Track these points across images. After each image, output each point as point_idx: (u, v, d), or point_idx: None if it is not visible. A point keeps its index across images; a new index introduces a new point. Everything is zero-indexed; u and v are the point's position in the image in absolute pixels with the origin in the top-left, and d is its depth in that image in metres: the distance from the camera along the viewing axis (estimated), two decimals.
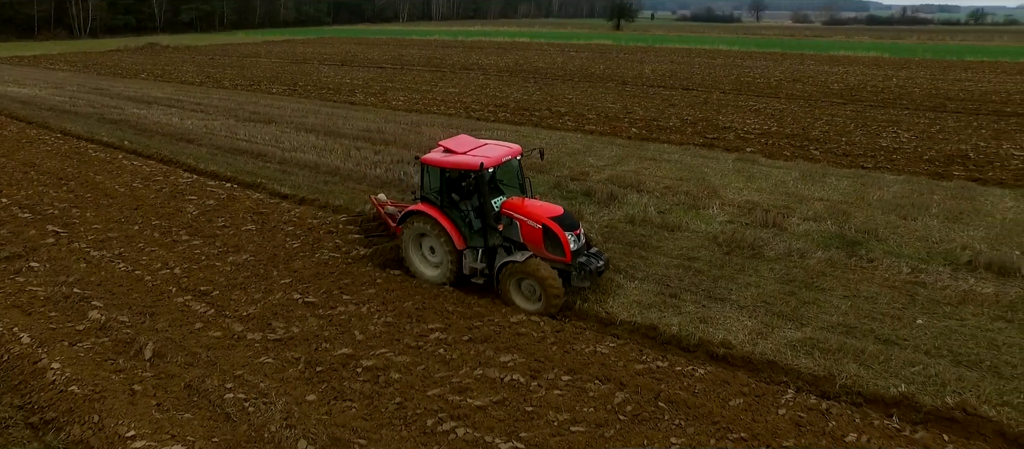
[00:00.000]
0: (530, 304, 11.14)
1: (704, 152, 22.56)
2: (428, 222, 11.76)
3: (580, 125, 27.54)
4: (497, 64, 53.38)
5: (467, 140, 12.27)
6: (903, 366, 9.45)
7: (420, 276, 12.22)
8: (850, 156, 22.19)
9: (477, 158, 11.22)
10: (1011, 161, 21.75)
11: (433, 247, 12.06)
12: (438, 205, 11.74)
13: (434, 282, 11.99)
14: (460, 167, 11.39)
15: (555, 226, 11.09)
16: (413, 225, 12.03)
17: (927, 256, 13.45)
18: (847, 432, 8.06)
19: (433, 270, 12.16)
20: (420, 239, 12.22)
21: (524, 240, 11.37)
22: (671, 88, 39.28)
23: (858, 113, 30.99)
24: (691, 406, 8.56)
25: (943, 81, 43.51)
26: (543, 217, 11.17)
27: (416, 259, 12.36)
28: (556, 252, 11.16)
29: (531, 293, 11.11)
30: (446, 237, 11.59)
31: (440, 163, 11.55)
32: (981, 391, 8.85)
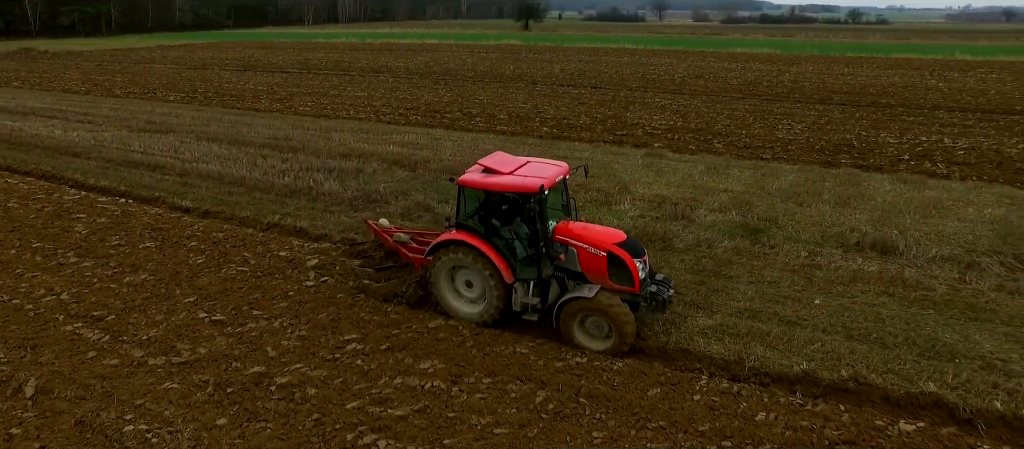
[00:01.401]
0: (596, 343, 9.86)
1: (614, 149, 23.15)
2: (468, 253, 10.28)
3: (492, 126, 27.64)
4: (407, 66, 52.80)
5: (506, 158, 10.88)
6: (804, 345, 10.02)
7: (454, 314, 10.74)
8: (750, 148, 23.38)
9: (535, 178, 9.90)
10: (887, 148, 23.60)
11: (470, 281, 10.67)
12: (482, 233, 10.34)
13: (473, 321, 10.56)
14: (513, 190, 9.96)
15: (623, 253, 9.93)
16: (447, 256, 10.54)
17: (821, 240, 14.34)
18: (757, 412, 8.45)
19: (471, 307, 10.70)
20: (453, 272, 10.78)
21: (583, 270, 10.18)
22: (580, 87, 40.11)
23: (756, 107, 32.72)
24: (611, 399, 8.73)
25: (829, 76, 46.64)
26: (607, 243, 10.01)
27: (449, 295, 10.85)
28: (623, 282, 10.01)
29: (598, 331, 9.86)
30: (492, 270, 10.14)
31: (485, 185, 10.07)
32: (870, 361, 9.52)
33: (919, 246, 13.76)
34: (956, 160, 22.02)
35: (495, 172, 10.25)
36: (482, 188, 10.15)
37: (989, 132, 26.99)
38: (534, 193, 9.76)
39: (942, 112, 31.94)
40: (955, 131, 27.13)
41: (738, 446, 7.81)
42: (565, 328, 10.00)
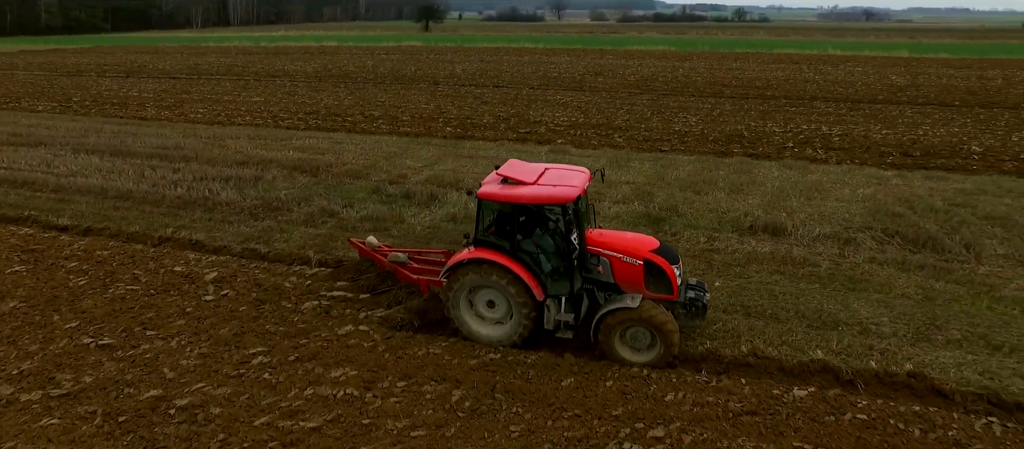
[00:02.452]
0: (639, 355, 9.36)
1: (518, 146, 23.42)
2: (492, 271, 9.51)
3: (395, 128, 27.29)
4: (305, 70, 51.18)
5: (523, 165, 10.15)
6: (707, 325, 10.49)
7: (476, 338, 9.95)
8: (649, 141, 24.30)
9: (566, 187, 9.33)
10: (773, 137, 25.21)
11: (493, 301, 9.86)
12: (507, 249, 9.59)
13: (498, 343, 9.80)
14: (545, 201, 9.40)
15: (660, 260, 9.55)
16: (468, 276, 9.70)
17: (718, 225, 15.11)
18: (666, 393, 8.78)
19: (495, 328, 9.93)
20: (473, 293, 9.95)
21: (618, 280, 9.74)
22: (482, 86, 40.29)
23: (653, 102, 34.03)
24: (526, 393, 8.81)
25: (719, 71, 49.22)
26: (643, 251, 9.61)
27: (469, 318, 10.03)
28: (661, 290, 9.62)
29: (639, 342, 9.35)
30: (520, 287, 9.40)
31: (512, 197, 9.31)
32: (766, 336, 10.12)
33: (805, 226, 14.79)
34: (832, 146, 23.84)
35: (519, 182, 9.50)
36: (509, 201, 9.36)
37: (858, 120, 29.39)
38: (570, 202, 9.25)
39: (819, 103, 34.45)
40: (831, 120, 29.35)
41: (650, 426, 8.08)
42: (605, 342, 9.39)
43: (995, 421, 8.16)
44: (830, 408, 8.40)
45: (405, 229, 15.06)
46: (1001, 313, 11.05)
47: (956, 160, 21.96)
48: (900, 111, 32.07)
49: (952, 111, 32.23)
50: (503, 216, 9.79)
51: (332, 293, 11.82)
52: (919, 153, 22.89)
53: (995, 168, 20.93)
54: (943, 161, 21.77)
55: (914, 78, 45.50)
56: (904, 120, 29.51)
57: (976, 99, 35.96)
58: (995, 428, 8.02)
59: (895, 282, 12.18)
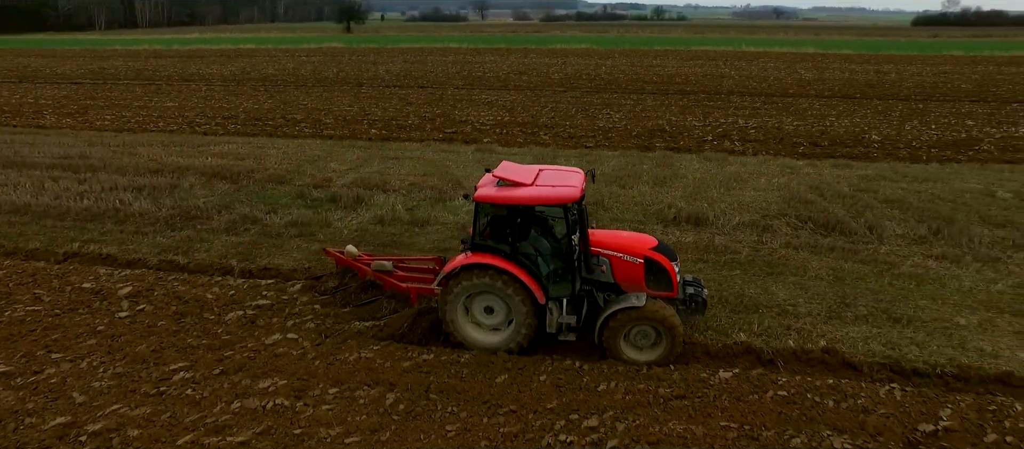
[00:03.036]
0: (643, 354, 9.36)
1: (445, 146, 23.35)
2: (491, 275, 9.27)
3: (318, 131, 26.66)
4: (221, 73, 49.25)
5: (516, 167, 9.99)
6: None
7: (474, 345, 9.66)
8: (575, 138, 24.69)
9: (567, 187, 9.23)
10: (694, 131, 26.13)
11: (491, 306, 9.63)
12: (507, 253, 9.36)
13: (497, 349, 9.57)
14: (548, 201, 9.21)
15: (660, 257, 9.61)
16: (466, 282, 9.40)
17: (644, 217, 15.53)
18: (599, 383, 8.95)
19: (494, 335, 9.70)
20: (470, 299, 9.65)
21: (618, 280, 9.70)
22: (407, 87, 39.90)
23: (577, 99, 34.59)
24: (461, 391, 8.79)
25: (640, 68, 50.53)
26: (643, 250, 9.64)
27: (467, 326, 9.75)
28: (662, 287, 9.65)
29: (644, 340, 9.35)
30: (522, 291, 9.22)
31: (513, 199, 9.10)
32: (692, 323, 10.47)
33: (725, 216, 15.41)
34: (749, 138, 24.92)
35: (517, 184, 9.29)
36: (510, 202, 9.13)
37: (771, 113, 30.85)
38: (573, 202, 9.16)
39: (735, 97, 35.94)
40: (746, 113, 30.66)
41: (584, 417, 8.22)
42: (610, 342, 9.33)
43: (896, 387, 8.80)
44: (753, 387, 8.78)
45: (332, 233, 14.74)
46: (900, 288, 11.89)
47: (858, 148, 23.40)
48: (809, 104, 33.85)
49: (854, 103, 34.29)
50: (499, 219, 9.51)
51: (256, 302, 11.43)
52: (826, 143, 24.26)
53: (892, 155, 22.44)
54: (847, 150, 23.16)
55: (820, 73, 48.14)
56: (812, 112, 31.18)
57: (874, 91, 38.41)
58: (896, 393, 8.64)
59: (809, 265, 12.86)
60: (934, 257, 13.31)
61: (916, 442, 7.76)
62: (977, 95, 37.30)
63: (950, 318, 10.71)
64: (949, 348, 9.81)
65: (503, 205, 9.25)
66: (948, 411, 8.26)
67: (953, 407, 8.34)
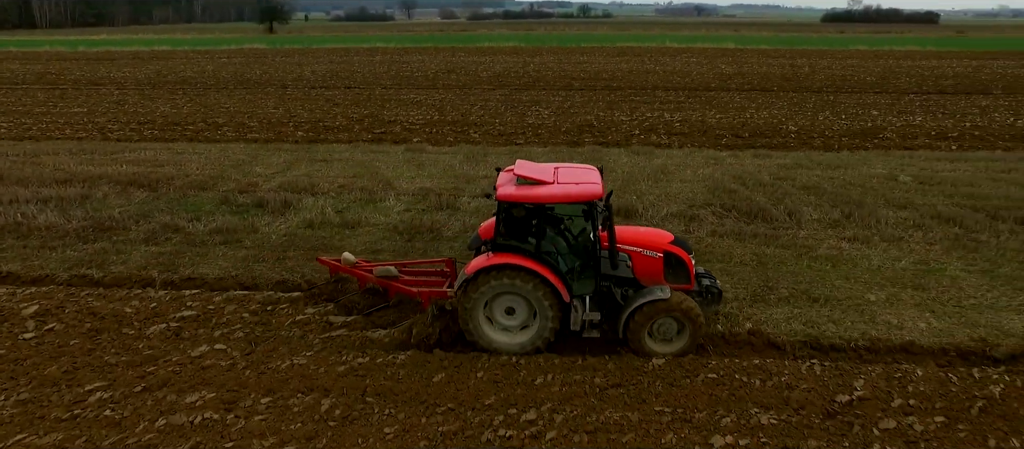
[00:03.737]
0: (666, 346, 9.44)
1: (374, 147, 23.03)
2: (518, 275, 9.13)
3: (242, 134, 25.77)
4: (135, 76, 46.86)
5: (532, 165, 9.90)
6: None
7: (496, 348, 9.49)
8: (505, 135, 24.80)
9: (590, 184, 9.19)
10: (621, 126, 26.71)
11: (512, 307, 9.49)
12: (531, 252, 9.29)
13: (519, 352, 9.44)
14: (574, 198, 9.10)
15: (680, 251, 9.75)
16: (490, 284, 9.21)
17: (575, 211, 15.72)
18: (536, 377, 9.03)
19: (517, 336, 9.56)
20: (491, 301, 9.46)
21: (638, 274, 9.72)
22: (333, 88, 39.10)
23: (506, 97, 34.74)
24: (398, 393, 8.70)
25: (568, 64, 51.20)
26: (662, 244, 9.75)
27: (487, 328, 9.55)
28: (680, 280, 9.76)
29: (666, 334, 9.43)
30: (548, 290, 9.15)
31: (538, 197, 9.02)
32: None
33: (654, 207, 15.83)
34: (674, 131, 25.68)
35: (539, 182, 9.14)
36: (536, 201, 9.06)
37: (695, 106, 31.89)
38: (599, 198, 9.09)
39: (660, 91, 36.94)
40: (672, 107, 31.58)
41: (522, 411, 8.28)
42: (634, 337, 9.37)
43: (816, 362, 9.31)
44: (685, 372, 9.06)
45: (260, 239, 14.29)
46: (818, 270, 12.54)
47: (777, 139, 24.51)
48: (730, 97, 35.18)
49: (771, 96, 35.87)
50: (518, 218, 9.38)
51: (181, 313, 10.96)
52: (747, 134, 25.28)
53: (807, 145, 23.63)
54: (767, 140, 24.21)
55: (740, 67, 50.09)
56: (734, 105, 32.41)
57: (790, 85, 40.29)
58: (816, 368, 9.13)
59: (734, 251, 13.38)
60: (847, 239, 14.10)
61: (834, 412, 8.21)
62: (880, 87, 39.71)
63: (862, 295, 11.38)
64: (861, 323, 10.43)
65: (529, 203, 9.15)
66: (861, 381, 8.78)
67: (866, 377, 8.88)
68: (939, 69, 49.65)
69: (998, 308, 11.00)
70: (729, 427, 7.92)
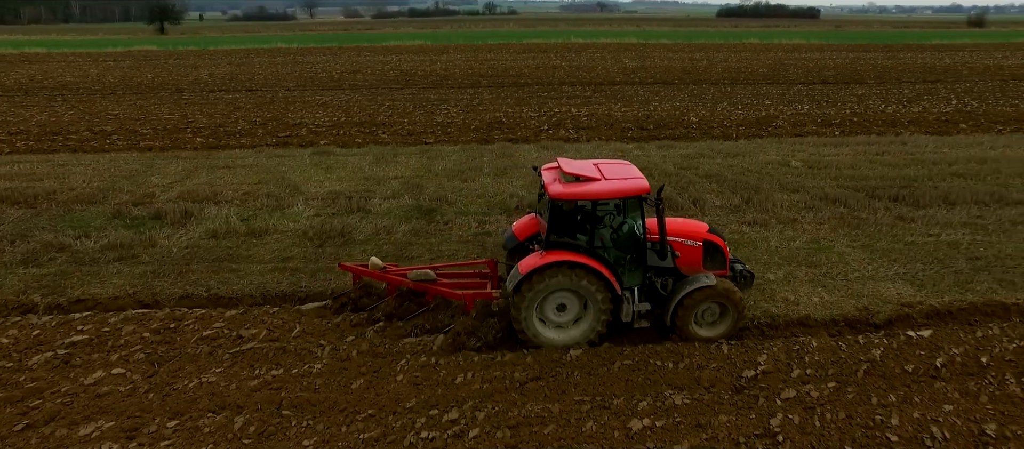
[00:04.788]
0: (710, 330, 9.85)
1: (279, 151, 22.24)
2: (573, 272, 9.22)
3: (134, 143, 24.20)
4: (3, 82, 43.00)
5: (575, 162, 10.04)
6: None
7: (548, 345, 9.55)
8: (414, 135, 24.56)
9: (638, 179, 9.51)
10: (530, 122, 27.03)
11: (564, 303, 9.58)
12: (584, 248, 9.43)
13: (570, 345, 9.55)
14: (626, 193, 9.35)
15: (718, 239, 10.18)
16: (546, 281, 9.24)
17: (487, 209, 15.83)
18: (456, 375, 9.02)
19: (569, 332, 9.67)
20: (544, 300, 9.49)
21: (680, 264, 9.98)
22: (234, 91, 37.41)
23: (414, 95, 34.40)
24: (316, 403, 8.46)
25: (475, 62, 51.25)
26: (702, 233, 10.13)
27: (539, 326, 9.59)
28: (717, 266, 10.16)
29: (710, 318, 9.84)
30: (601, 284, 9.29)
31: (593, 194, 9.22)
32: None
33: None
34: (582, 125, 26.25)
35: (589, 179, 9.36)
36: (589, 197, 9.26)
37: (601, 100, 32.71)
38: (648, 192, 9.36)
39: (567, 87, 37.64)
40: (578, 102, 32.25)
41: (444, 411, 8.24)
42: (683, 323, 9.70)
43: (723, 342, 9.75)
44: (602, 361, 9.30)
45: (159, 253, 13.47)
46: None
47: (680, 130, 25.54)
48: (634, 90, 36.31)
49: (673, 88, 37.32)
50: (567, 214, 9.56)
51: (70, 338, 10.16)
52: (652, 126, 26.20)
53: (708, 134, 24.77)
54: (670, 131, 25.20)
55: (643, 61, 51.81)
56: (638, 98, 33.49)
57: (690, 77, 42.07)
58: (723, 347, 9.62)
59: None
60: (747, 223, 14.91)
61: (741, 387, 8.68)
62: (771, 78, 42.15)
63: (762, 275, 12.05)
64: (763, 301, 11.06)
65: (584, 200, 9.35)
66: (764, 356, 9.32)
67: (768, 352, 9.44)
68: (822, 61, 53.25)
69: (877, 279, 11.96)
70: (646, 410, 8.20)
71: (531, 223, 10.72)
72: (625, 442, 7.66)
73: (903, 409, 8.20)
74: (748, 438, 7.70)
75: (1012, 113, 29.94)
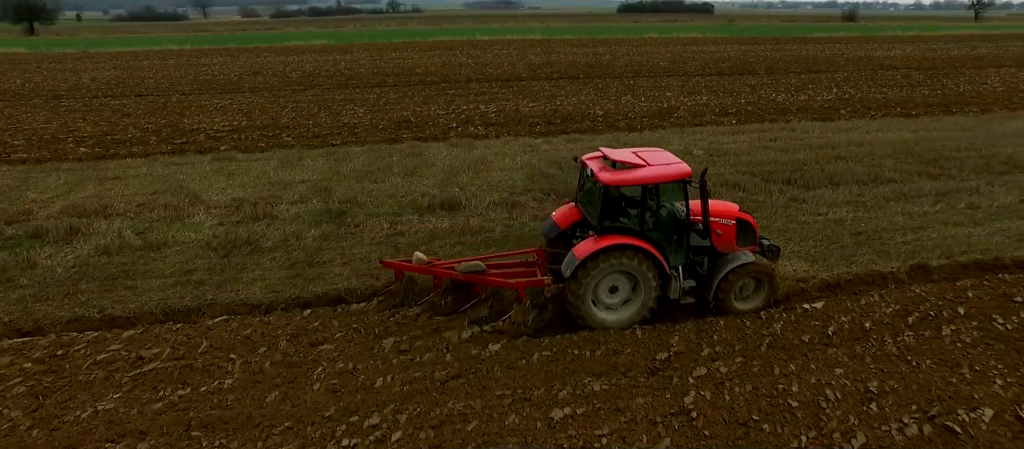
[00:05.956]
0: (747, 304, 10.53)
1: (176, 159, 21.00)
2: (628, 254, 9.64)
3: (4, 155, 22.14)
4: None
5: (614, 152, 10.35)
6: (412, 302, 10.80)
7: (602, 326, 9.95)
8: (320, 137, 23.86)
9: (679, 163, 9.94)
10: (438, 120, 26.87)
11: (616, 286, 9.96)
12: (636, 231, 9.85)
13: (624, 326, 9.98)
14: (673, 177, 9.70)
15: (749, 217, 10.79)
16: (603, 264, 9.59)
17: (399, 209, 15.61)
18: (375, 379, 8.86)
19: (621, 312, 10.07)
20: (598, 284, 9.82)
21: (716, 242, 10.43)
22: (121, 96, 34.99)
23: (319, 96, 33.41)
24: (228, 421, 8.08)
25: (380, 61, 50.38)
26: (734, 212, 10.64)
27: (594, 309, 9.96)
28: (748, 243, 10.73)
29: (746, 292, 10.53)
30: (651, 263, 9.76)
31: (643, 179, 9.61)
32: None
33: (477, 198, 16.14)
34: (491, 122, 26.33)
35: (635, 165, 9.78)
36: (639, 182, 9.65)
37: (509, 96, 32.95)
38: (690, 176, 9.77)
39: (474, 84, 37.64)
40: (486, 98, 32.33)
41: (365, 417, 8.08)
42: (725, 298, 10.27)
43: (637, 327, 10.06)
44: (521, 354, 9.39)
45: (40, 275, 12.38)
46: None
47: (586, 123, 26.13)
48: (541, 86, 36.80)
49: (578, 83, 38.10)
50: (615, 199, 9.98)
51: None
52: (559, 120, 26.65)
53: (614, 127, 25.48)
54: (577, 125, 25.73)
55: (548, 57, 52.56)
56: (545, 93, 33.96)
57: (594, 71, 43.10)
58: (638, 332, 9.92)
59: None
60: None
61: (656, 369, 9.00)
62: (671, 71, 43.85)
63: None
64: None
65: (633, 185, 9.76)
66: (676, 338, 9.71)
67: (680, 334, 9.83)
68: (717, 54, 55.92)
69: None
70: (566, 399, 8.36)
71: (571, 212, 10.94)
72: (548, 432, 7.78)
73: (801, 376, 8.79)
74: (664, 417, 8.00)
75: (882, 99, 32.59)
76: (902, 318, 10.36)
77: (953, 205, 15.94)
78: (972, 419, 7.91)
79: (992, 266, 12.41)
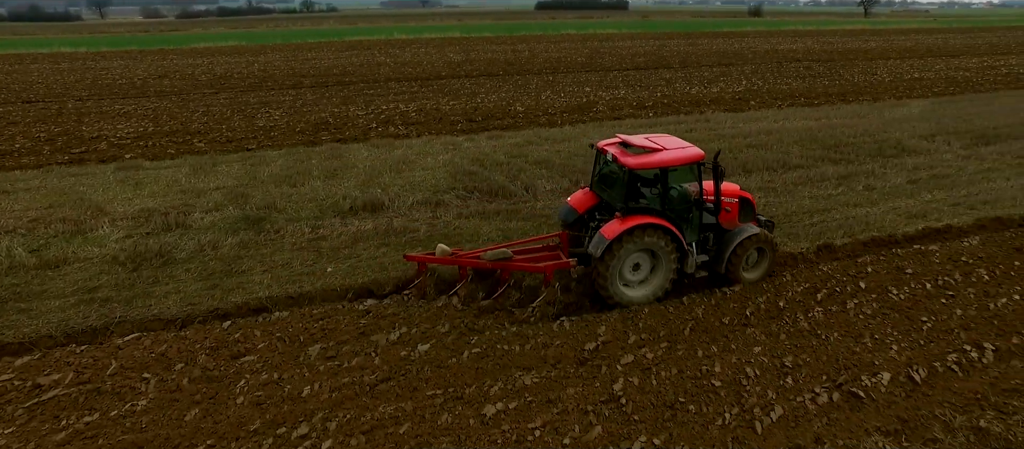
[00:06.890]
0: (752, 273, 11.35)
1: (74, 169, 19.64)
2: (652, 233, 10.21)
3: None
4: None
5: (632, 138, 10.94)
6: None
7: (628, 303, 10.49)
8: (234, 141, 22.91)
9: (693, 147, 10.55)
10: (358, 120, 26.34)
11: (639, 263, 10.55)
12: (658, 211, 10.44)
13: (648, 301, 10.58)
14: (690, 160, 10.32)
15: (750, 195, 11.61)
16: (630, 243, 10.10)
17: (320, 213, 15.20)
18: (302, 388, 8.60)
19: (643, 289, 10.67)
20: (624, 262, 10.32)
21: (722, 219, 11.14)
22: (5, 103, 32.39)
23: (231, 99, 32.08)
24: (143, 444, 7.64)
25: (296, 61, 48.89)
26: (737, 191, 11.36)
27: (622, 289, 10.52)
28: (748, 219, 11.56)
29: (750, 262, 11.33)
30: (669, 240, 10.34)
31: (664, 162, 10.22)
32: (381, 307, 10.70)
33: (400, 198, 15.92)
34: (411, 121, 26.04)
35: (654, 150, 10.34)
36: (660, 165, 10.22)
37: (429, 95, 32.68)
38: (704, 159, 10.43)
39: (393, 83, 37.12)
40: (406, 98, 31.94)
41: (293, 427, 7.84)
42: (735, 269, 11.08)
43: (565, 319, 10.23)
44: (451, 352, 9.35)
45: None
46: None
47: (507, 120, 26.24)
48: (461, 84, 36.68)
49: (498, 80, 38.22)
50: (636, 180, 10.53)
51: None
52: (480, 118, 26.65)
53: (534, 123, 25.72)
54: (498, 122, 25.80)
55: (467, 55, 52.45)
56: (465, 91, 33.88)
57: (513, 68, 43.34)
58: (566, 324, 10.10)
59: (480, 230, 14.06)
60: None
61: (585, 359, 9.16)
62: (589, 66, 44.67)
63: None
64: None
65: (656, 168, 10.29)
66: (603, 328, 9.91)
67: (606, 324, 10.03)
68: (633, 49, 57.41)
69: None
70: (498, 394, 8.38)
71: (586, 197, 11.34)
72: (481, 428, 7.78)
73: (723, 357, 9.16)
74: (595, 405, 8.15)
75: (787, 90, 34.38)
76: (812, 295, 10.99)
77: (853, 187, 17.01)
78: (873, 383, 8.52)
79: (887, 242, 13.39)
